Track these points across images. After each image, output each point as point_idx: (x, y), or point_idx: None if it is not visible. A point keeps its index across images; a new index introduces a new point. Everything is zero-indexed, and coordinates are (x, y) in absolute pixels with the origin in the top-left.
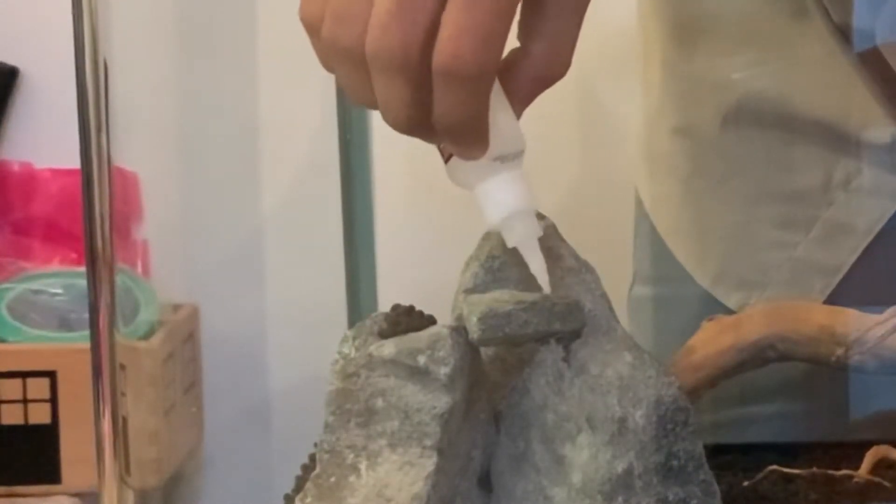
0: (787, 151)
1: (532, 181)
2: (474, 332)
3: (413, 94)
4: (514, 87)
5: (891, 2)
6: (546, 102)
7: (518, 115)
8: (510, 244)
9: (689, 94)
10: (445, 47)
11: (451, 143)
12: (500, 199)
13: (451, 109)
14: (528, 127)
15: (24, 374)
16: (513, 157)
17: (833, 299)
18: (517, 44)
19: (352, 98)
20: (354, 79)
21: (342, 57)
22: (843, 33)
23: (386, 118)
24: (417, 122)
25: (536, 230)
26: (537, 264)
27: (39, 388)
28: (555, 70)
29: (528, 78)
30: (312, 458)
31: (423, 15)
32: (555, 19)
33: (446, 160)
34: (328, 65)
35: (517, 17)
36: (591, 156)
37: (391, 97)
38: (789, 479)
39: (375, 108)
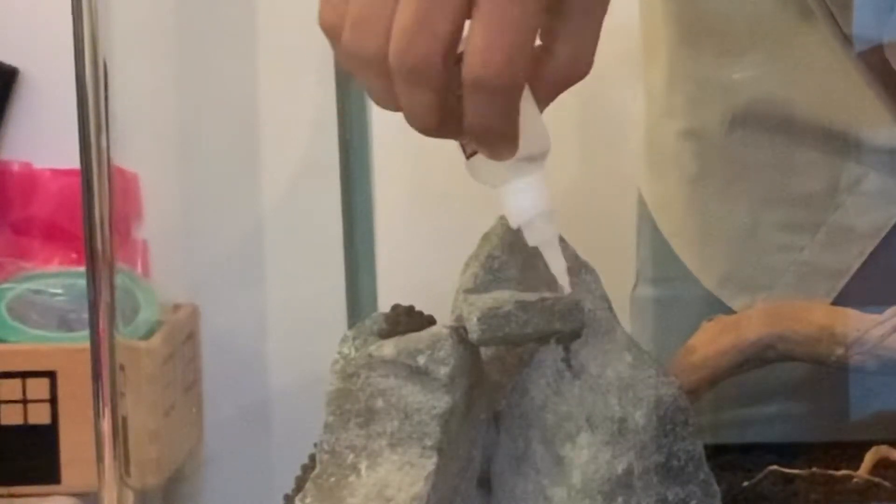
0: (793, 155)
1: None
2: (474, 332)
3: (438, 101)
4: (536, 87)
5: None
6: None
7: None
8: (532, 244)
9: (695, 96)
10: (476, 59)
11: (482, 147)
12: (526, 199)
13: (483, 117)
14: None
15: (23, 375)
16: (539, 157)
17: (838, 302)
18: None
19: (375, 102)
20: (377, 85)
21: (364, 65)
22: (849, 38)
23: (412, 123)
24: (443, 126)
25: (557, 230)
26: (559, 265)
27: (39, 388)
28: (578, 70)
29: (552, 78)
30: (312, 458)
31: (447, 23)
32: (577, 20)
33: (468, 156)
34: (349, 70)
35: None
36: (593, 156)
37: (416, 104)
38: (789, 479)
39: (400, 111)
